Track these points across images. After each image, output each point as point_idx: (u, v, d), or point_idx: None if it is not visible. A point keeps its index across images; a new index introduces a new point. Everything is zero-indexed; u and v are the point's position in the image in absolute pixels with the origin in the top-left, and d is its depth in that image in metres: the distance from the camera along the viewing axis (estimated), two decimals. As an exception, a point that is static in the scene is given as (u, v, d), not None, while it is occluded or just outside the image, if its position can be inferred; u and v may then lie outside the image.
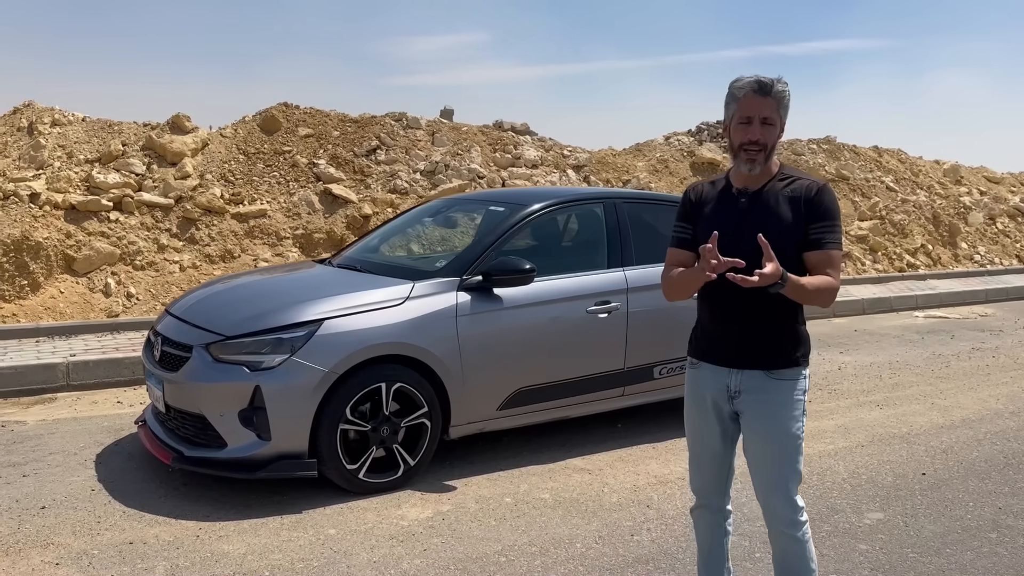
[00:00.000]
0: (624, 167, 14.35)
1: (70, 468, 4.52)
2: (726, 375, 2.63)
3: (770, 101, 2.49)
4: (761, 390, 2.59)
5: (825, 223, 2.52)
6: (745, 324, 2.58)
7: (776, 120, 2.51)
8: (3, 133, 12.97)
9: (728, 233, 2.51)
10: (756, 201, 2.58)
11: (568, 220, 5.46)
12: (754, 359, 2.59)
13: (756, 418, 2.60)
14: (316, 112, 13.22)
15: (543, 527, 3.91)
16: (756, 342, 2.58)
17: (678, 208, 2.81)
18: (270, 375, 3.99)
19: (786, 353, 2.59)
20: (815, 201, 2.53)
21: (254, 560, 3.52)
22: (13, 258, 8.71)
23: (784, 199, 2.56)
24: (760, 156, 2.52)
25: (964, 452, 5.14)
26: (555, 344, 4.76)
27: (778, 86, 2.50)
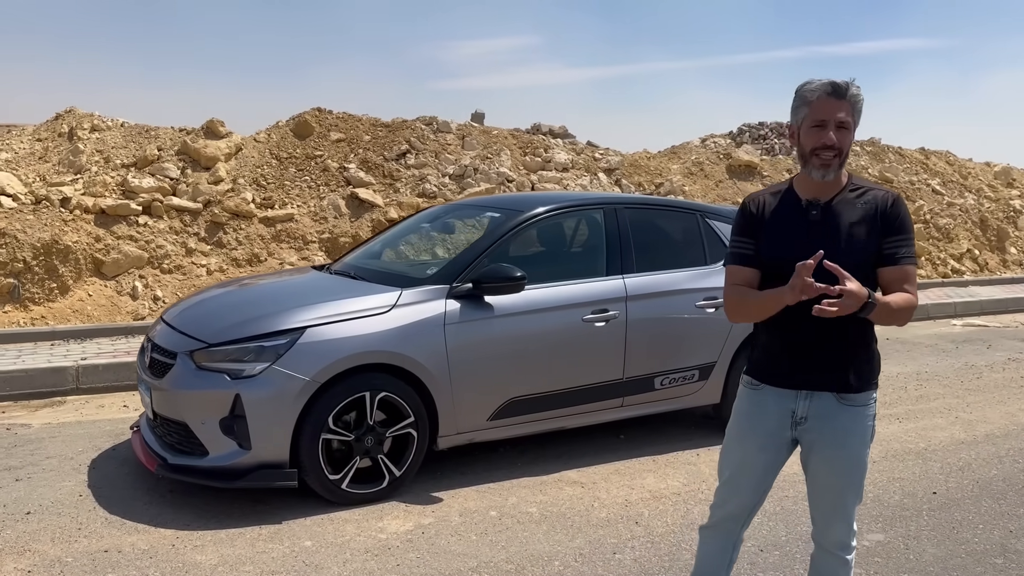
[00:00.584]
0: (657, 170, 14.16)
1: (64, 473, 4.54)
2: (792, 399, 2.51)
3: (845, 104, 2.39)
4: (831, 416, 2.48)
5: (900, 236, 2.43)
6: (820, 345, 2.45)
7: (850, 124, 2.41)
8: (45, 139, 13.27)
9: (799, 247, 2.38)
10: (828, 213, 2.45)
11: (566, 227, 5.36)
12: (827, 382, 2.47)
13: (825, 445, 2.50)
14: (348, 117, 13.29)
15: (524, 543, 3.81)
16: (830, 364, 2.46)
17: (735, 221, 2.63)
18: (251, 383, 3.95)
19: (860, 375, 2.48)
20: (891, 214, 2.43)
21: (225, 572, 3.48)
22: (43, 261, 8.87)
23: (858, 211, 2.44)
24: (835, 162, 2.41)
25: (982, 470, 4.92)
26: (549, 353, 4.65)
27: (853, 88, 2.40)
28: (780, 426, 2.54)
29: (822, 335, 2.44)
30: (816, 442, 2.51)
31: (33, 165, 12.45)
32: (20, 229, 8.87)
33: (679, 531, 3.98)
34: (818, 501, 2.58)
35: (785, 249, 2.45)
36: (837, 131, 2.39)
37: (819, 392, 2.48)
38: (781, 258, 2.43)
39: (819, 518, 2.58)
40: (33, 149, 12.96)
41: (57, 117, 13.67)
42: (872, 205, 2.45)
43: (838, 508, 2.53)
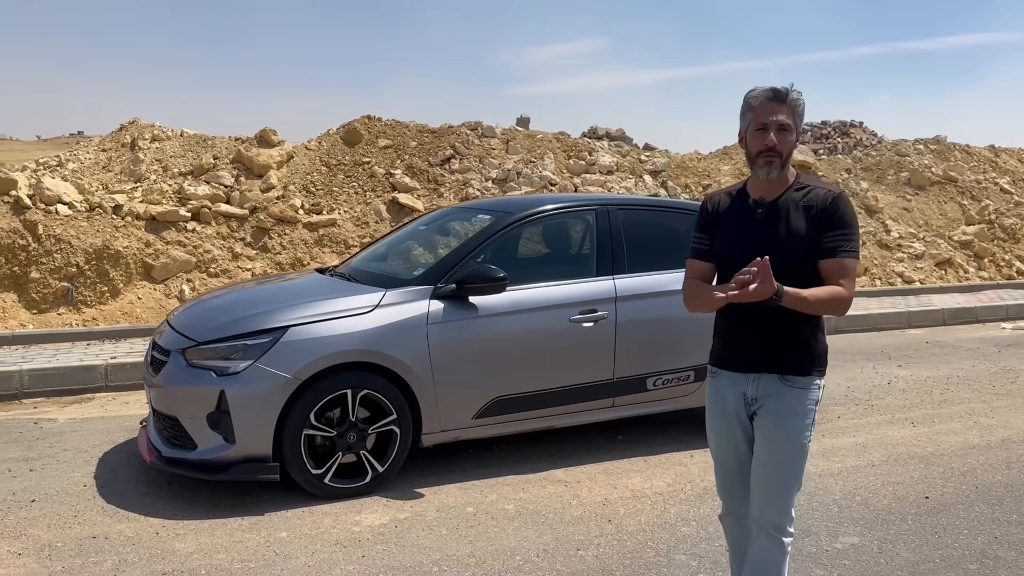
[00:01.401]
0: (706, 171, 14.04)
1: (75, 464, 4.80)
2: (743, 381, 2.67)
3: (785, 107, 2.53)
4: (775, 395, 2.61)
5: (840, 231, 2.53)
6: (761, 330, 2.61)
7: (791, 126, 2.55)
8: (109, 149, 13.90)
9: (746, 244, 2.58)
10: (772, 211, 2.60)
11: (556, 228, 5.41)
12: (770, 363, 2.61)
13: (766, 422, 2.63)
14: (396, 123, 13.56)
15: (491, 538, 3.89)
16: (772, 347, 2.61)
17: (696, 218, 2.84)
18: (235, 380, 4.13)
19: (799, 360, 2.61)
20: (830, 210, 2.54)
21: (198, 559, 3.65)
22: (95, 266, 9.30)
23: (800, 208, 2.57)
24: (777, 161, 2.54)
25: (985, 475, 4.79)
26: (535, 353, 4.71)
27: (792, 94, 2.54)
28: (737, 407, 2.70)
29: (763, 323, 2.60)
30: (761, 420, 2.65)
31: (97, 174, 13.06)
32: (74, 235, 9.32)
33: (649, 530, 4.00)
34: (756, 478, 2.68)
35: (734, 246, 2.65)
36: (778, 133, 2.53)
37: (765, 374, 2.63)
38: (730, 254, 2.65)
39: (755, 496, 2.67)
40: (98, 159, 13.59)
41: (121, 128, 14.31)
42: (813, 202, 2.57)
43: (773, 486, 2.62)
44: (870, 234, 13.66)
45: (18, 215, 9.25)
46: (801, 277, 2.52)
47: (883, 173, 15.47)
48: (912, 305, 10.15)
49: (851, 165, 15.74)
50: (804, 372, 2.61)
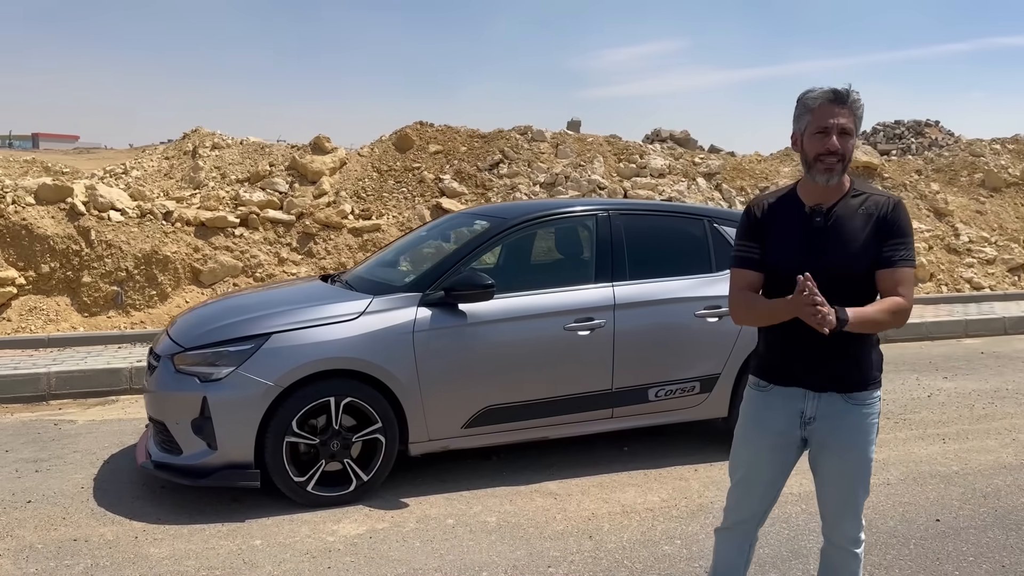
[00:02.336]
0: (763, 173, 13.66)
1: (80, 466, 4.90)
2: (801, 399, 2.57)
3: (846, 110, 2.46)
4: (839, 415, 2.54)
5: (898, 240, 2.47)
6: (825, 346, 2.48)
7: (852, 130, 2.47)
8: (172, 157, 14.32)
9: (804, 253, 2.49)
10: (831, 219, 2.51)
11: (555, 234, 5.29)
12: (834, 382, 2.53)
13: (832, 443, 2.56)
14: (447, 129, 13.60)
15: (464, 552, 3.80)
16: (836, 365, 2.52)
17: (740, 224, 2.70)
18: (217, 386, 4.15)
19: (864, 375, 2.55)
20: (890, 218, 2.48)
21: (167, 564, 3.67)
22: (144, 270, 9.57)
23: (859, 216, 2.50)
24: (839, 167, 2.48)
25: (1009, 499, 4.48)
26: (527, 362, 4.61)
27: (853, 95, 2.47)
28: (789, 426, 2.59)
29: (824, 339, 2.43)
30: (825, 441, 2.56)
31: (159, 181, 13.45)
32: (125, 241, 9.60)
33: (629, 548, 3.85)
34: (828, 499, 2.64)
35: (790, 254, 2.53)
36: (840, 137, 2.45)
37: (826, 393, 2.54)
38: (786, 263, 2.52)
39: (828, 515, 2.64)
40: (160, 166, 14.01)
41: (184, 136, 14.73)
42: (873, 210, 2.50)
43: (848, 504, 2.60)
44: (938, 238, 13.08)
45: (73, 221, 9.57)
46: (859, 288, 2.48)
47: (956, 174, 14.81)
48: (971, 313, 9.64)
49: (922, 166, 15.11)
50: (865, 387, 2.55)
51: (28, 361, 6.82)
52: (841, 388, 2.53)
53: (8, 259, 9.15)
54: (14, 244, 9.20)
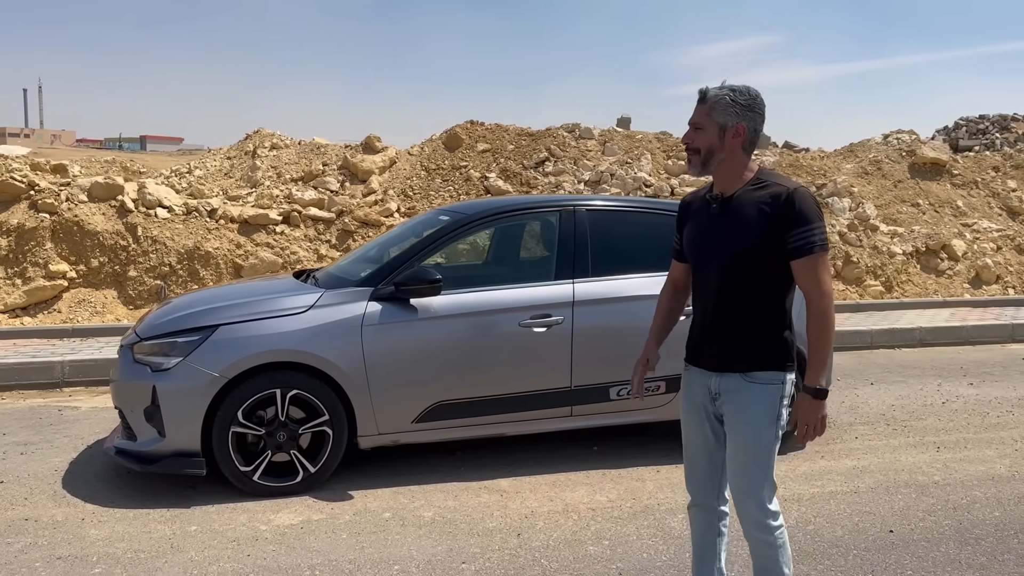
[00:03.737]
0: (821, 170, 13.22)
1: (63, 450, 5.13)
2: (707, 377, 2.68)
3: (704, 107, 2.57)
4: (736, 391, 2.61)
5: (801, 228, 2.49)
6: (722, 328, 2.63)
7: (705, 124, 2.56)
8: (233, 157, 14.78)
9: (701, 240, 2.65)
10: (727, 206, 2.60)
11: (518, 230, 5.23)
12: (730, 363, 2.62)
13: (730, 420, 2.63)
14: (496, 127, 13.64)
15: (384, 546, 3.82)
16: (733, 346, 2.62)
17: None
18: (165, 376, 4.27)
19: (763, 357, 2.59)
20: (785, 206, 2.50)
21: (100, 546, 3.80)
22: (186, 265, 9.92)
23: (754, 204, 2.55)
24: (695, 158, 2.61)
25: (980, 511, 4.23)
26: (480, 358, 4.59)
27: (713, 91, 2.57)
28: (704, 401, 2.72)
29: (728, 321, 2.62)
30: (726, 416, 2.65)
31: (219, 180, 13.92)
32: (169, 237, 9.98)
33: (552, 547, 3.80)
34: (731, 478, 2.68)
35: (692, 241, 2.70)
36: (693, 132, 2.60)
37: (724, 372, 2.63)
38: (690, 250, 2.72)
39: (734, 494, 2.68)
40: (221, 166, 14.49)
41: (247, 137, 15.19)
42: (768, 199, 2.52)
43: (744, 484, 2.62)
44: (1008, 238, 12.41)
45: (122, 218, 10.00)
46: (752, 274, 2.55)
47: (1036, 171, 14.02)
48: (1020, 318, 9.09)
49: (1000, 163, 14.37)
50: (765, 367, 2.58)
51: (48, 350, 7.17)
52: (737, 368, 2.59)
53: (61, 254, 9.63)
54: (67, 239, 9.67)
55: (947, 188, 13.34)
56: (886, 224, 12.34)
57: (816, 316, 2.52)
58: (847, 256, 11.45)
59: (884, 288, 11.44)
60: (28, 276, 9.41)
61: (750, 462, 2.60)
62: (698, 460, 2.80)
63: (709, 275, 2.63)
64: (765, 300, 2.58)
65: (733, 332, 2.61)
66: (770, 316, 2.60)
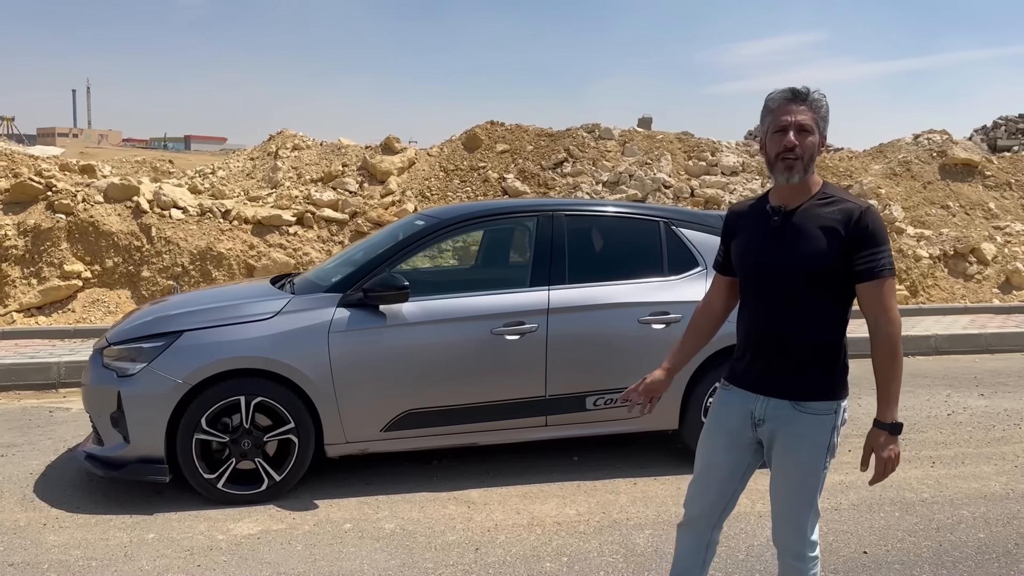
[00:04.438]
0: (847, 171, 12.92)
1: (43, 453, 5.14)
2: (752, 400, 2.54)
3: (805, 108, 2.42)
4: (784, 420, 2.48)
5: (871, 250, 2.37)
6: (777, 350, 2.48)
7: (813, 128, 2.41)
8: (256, 158, 14.87)
9: (757, 252, 2.50)
10: (789, 220, 2.45)
11: (493, 235, 5.12)
12: (783, 389, 2.48)
13: (780, 450, 2.51)
14: (516, 128, 13.56)
15: (339, 559, 3.75)
16: (785, 370, 2.47)
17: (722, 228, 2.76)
18: (130, 382, 4.25)
19: (817, 385, 2.45)
20: (858, 227, 2.37)
21: (55, 553, 3.78)
22: (199, 266, 9.98)
23: (821, 220, 2.41)
24: (798, 164, 2.40)
25: (965, 532, 4.04)
26: (451, 366, 4.50)
27: (814, 94, 2.43)
28: (742, 426, 2.56)
29: (783, 343, 2.47)
30: (772, 444, 2.53)
31: (241, 181, 14.01)
32: (183, 237, 10.05)
33: (508, 563, 3.70)
34: (773, 504, 2.58)
35: (747, 253, 2.54)
36: (798, 134, 2.39)
37: (774, 397, 2.49)
38: (742, 264, 2.57)
39: (775, 521, 2.59)
40: (244, 167, 14.58)
41: (270, 138, 15.28)
42: (838, 217, 2.39)
43: (788, 514, 2.52)
44: (1042, 242, 12.00)
45: (136, 219, 10.09)
46: (813, 295, 2.41)
47: (1075, 172, 13.55)
48: (1044, 324, 8.77)
49: (1039, 162, 13.92)
50: (819, 397, 2.45)
51: (46, 350, 7.24)
52: (790, 395, 2.46)
53: (76, 254, 9.74)
54: (82, 240, 9.78)
55: (979, 190, 12.94)
56: (913, 227, 12.02)
57: (885, 344, 2.38)
58: (872, 259, 11.15)
59: (909, 293, 11.13)
60: (43, 276, 9.53)
61: (798, 494, 2.49)
62: (709, 484, 2.65)
63: (765, 292, 2.49)
64: (825, 323, 2.45)
65: (789, 356, 2.46)
66: (829, 341, 2.46)
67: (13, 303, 9.32)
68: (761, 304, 2.50)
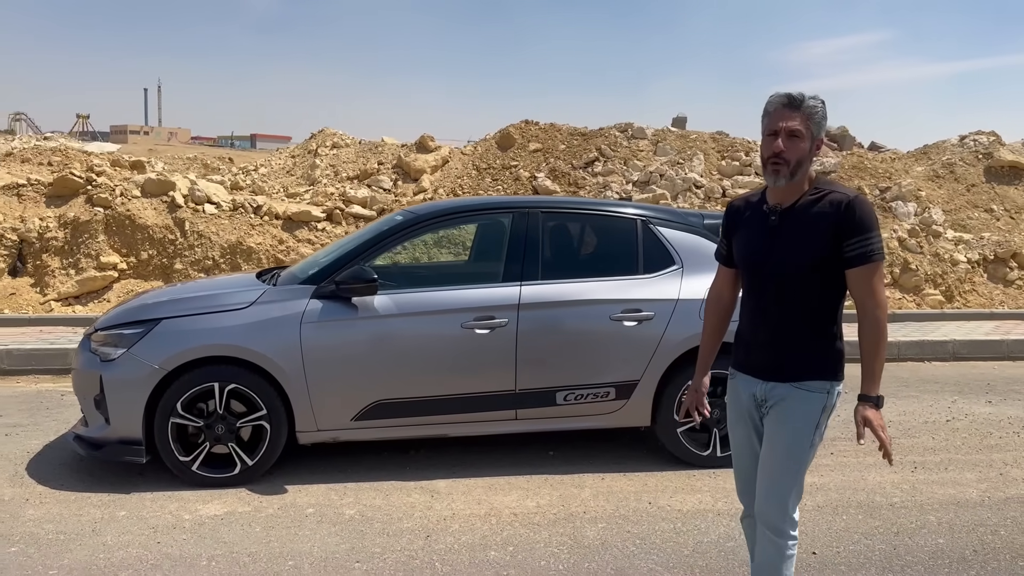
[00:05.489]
0: (886, 172, 12.65)
1: (44, 433, 5.39)
2: (754, 384, 2.67)
3: (798, 114, 2.50)
4: (780, 398, 2.61)
5: (858, 237, 2.48)
6: (776, 337, 2.61)
7: (803, 134, 2.50)
8: (297, 156, 15.19)
9: (758, 250, 2.62)
10: (786, 218, 2.57)
11: (469, 231, 5.18)
12: (781, 372, 2.60)
13: (770, 422, 2.63)
14: (550, 127, 13.61)
15: (291, 540, 3.87)
16: (785, 355, 2.60)
17: (722, 222, 2.88)
18: (111, 366, 4.44)
19: (815, 366, 2.58)
20: (846, 215, 2.48)
21: (28, 526, 3.97)
22: (229, 259, 10.27)
23: (813, 215, 2.53)
24: (784, 169, 2.50)
25: (925, 537, 3.98)
26: (421, 358, 4.59)
27: (808, 101, 2.51)
28: (750, 409, 2.71)
29: (782, 332, 2.60)
30: (767, 420, 2.65)
31: (281, 178, 14.33)
32: (215, 232, 10.34)
33: (455, 550, 3.78)
34: (760, 478, 2.67)
35: (749, 251, 2.67)
36: (787, 139, 2.48)
37: (770, 381, 2.62)
38: (743, 260, 2.70)
39: (759, 494, 2.67)
40: (285, 164, 14.90)
41: (312, 136, 15.59)
42: (828, 208, 2.50)
43: (770, 485, 2.61)
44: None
45: (172, 213, 10.43)
46: (811, 285, 2.53)
47: None
48: (1071, 332, 8.48)
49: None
50: (813, 376, 2.57)
51: (66, 337, 7.55)
52: (786, 377, 2.58)
53: (113, 246, 10.11)
54: (119, 232, 10.14)
55: (1024, 192, 12.56)
56: (954, 230, 11.72)
57: (871, 326, 2.49)
58: (905, 263, 10.93)
59: (944, 298, 10.86)
60: (81, 267, 9.91)
61: (781, 464, 2.59)
62: (744, 468, 2.79)
63: (764, 284, 2.61)
64: (820, 309, 2.56)
65: (786, 341, 2.59)
66: (824, 325, 2.57)
67: (52, 292, 9.72)
68: (761, 296, 2.62)
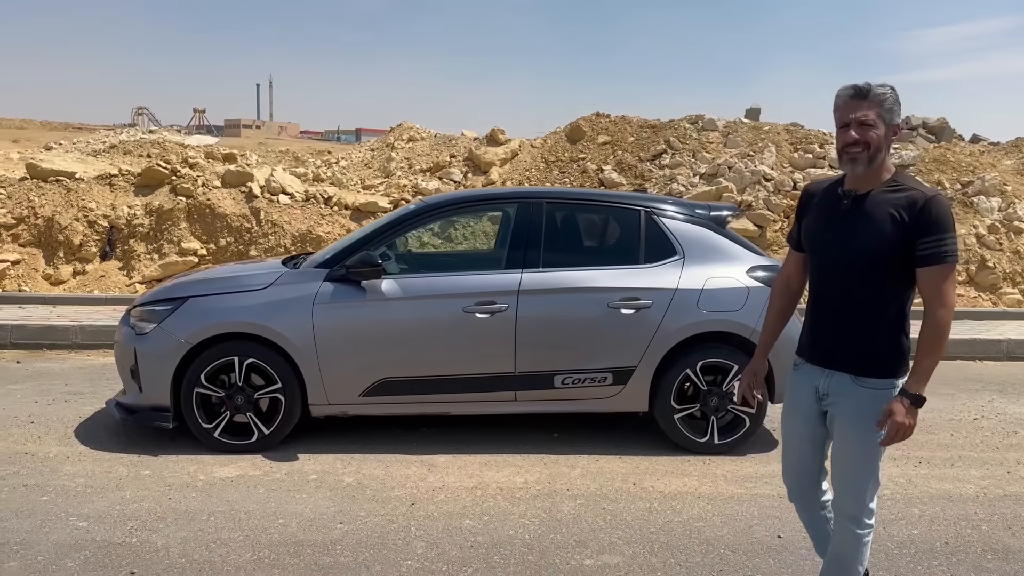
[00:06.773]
0: (969, 166, 12.21)
1: (99, 402, 5.85)
2: (817, 376, 2.73)
3: (866, 104, 2.54)
4: (846, 394, 2.66)
5: (932, 237, 2.50)
6: (839, 326, 2.66)
7: (876, 122, 2.54)
8: (376, 149, 15.70)
9: (823, 234, 2.67)
10: (859, 204, 2.60)
11: (476, 220, 5.38)
12: (844, 361, 2.66)
13: (840, 423, 2.69)
14: (620, 119, 13.69)
15: (286, 502, 4.18)
16: (847, 345, 2.65)
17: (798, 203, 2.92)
18: (144, 339, 4.87)
19: (877, 361, 2.62)
20: (922, 214, 2.50)
21: (63, 480, 4.41)
22: (299, 247, 10.77)
23: (888, 207, 2.55)
24: (862, 155, 2.54)
25: (900, 529, 4.01)
26: (424, 340, 4.84)
27: (876, 89, 2.55)
28: (810, 400, 2.77)
29: (841, 320, 2.65)
30: (834, 416, 2.71)
31: (359, 171, 14.86)
32: (287, 221, 10.88)
33: (431, 518, 4.02)
34: (834, 471, 2.74)
35: (814, 234, 2.72)
36: (859, 128, 2.53)
37: (837, 372, 2.68)
38: (809, 242, 2.75)
39: (835, 486, 2.75)
40: (364, 157, 15.43)
41: (391, 130, 16.08)
42: (904, 204, 2.52)
43: (848, 480, 2.68)
44: None
45: (248, 203, 11.02)
46: (875, 276, 2.56)
47: None
48: None
49: None
50: (879, 374, 2.61)
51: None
52: (851, 370, 2.62)
53: (193, 233, 10.76)
54: (200, 220, 10.79)
55: (1122, 188, 11.92)
56: (1038, 227, 11.25)
57: (933, 326, 2.50)
58: (982, 260, 10.59)
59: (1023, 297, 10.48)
60: (164, 252, 10.60)
61: (857, 464, 2.65)
62: (793, 459, 2.88)
63: (831, 271, 2.64)
64: (886, 303, 2.58)
65: (852, 332, 2.62)
66: (890, 320, 2.59)
67: (137, 275, 10.43)
68: (826, 283, 2.65)
